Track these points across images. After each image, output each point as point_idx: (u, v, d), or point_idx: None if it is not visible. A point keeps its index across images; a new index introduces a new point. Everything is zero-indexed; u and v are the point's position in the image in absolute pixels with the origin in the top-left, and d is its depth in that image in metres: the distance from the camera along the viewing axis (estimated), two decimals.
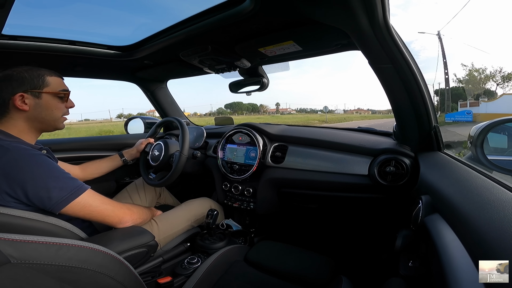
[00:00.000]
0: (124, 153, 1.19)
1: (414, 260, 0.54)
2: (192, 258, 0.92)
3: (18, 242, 0.38)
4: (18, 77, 0.70)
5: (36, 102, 0.72)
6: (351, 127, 1.27)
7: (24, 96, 0.69)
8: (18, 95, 0.69)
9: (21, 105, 0.69)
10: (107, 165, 1.14)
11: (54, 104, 0.75)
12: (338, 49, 0.93)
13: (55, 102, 0.75)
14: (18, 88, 0.69)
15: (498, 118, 0.72)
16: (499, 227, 0.33)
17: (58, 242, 0.43)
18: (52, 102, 0.75)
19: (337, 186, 0.97)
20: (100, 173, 1.12)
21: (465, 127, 6.77)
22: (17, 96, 0.68)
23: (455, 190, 0.51)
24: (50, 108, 0.74)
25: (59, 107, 0.76)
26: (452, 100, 17.05)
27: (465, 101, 17.00)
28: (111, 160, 1.15)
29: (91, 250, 0.47)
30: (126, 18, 1.04)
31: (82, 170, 1.07)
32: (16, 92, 0.69)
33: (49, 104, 0.74)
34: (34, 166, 0.64)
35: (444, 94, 14.71)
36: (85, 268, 0.45)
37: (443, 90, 16.32)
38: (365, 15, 0.54)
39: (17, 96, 0.68)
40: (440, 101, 16.77)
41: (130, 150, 1.22)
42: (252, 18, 0.73)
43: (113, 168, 1.16)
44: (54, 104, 0.75)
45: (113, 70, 1.41)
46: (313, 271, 0.83)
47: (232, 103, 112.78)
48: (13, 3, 0.64)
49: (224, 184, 1.21)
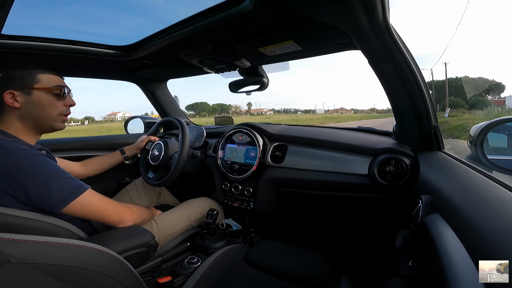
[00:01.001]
0: (126, 149, 1.20)
1: (414, 260, 0.54)
2: (192, 257, 0.92)
3: (18, 242, 0.38)
4: (9, 76, 0.71)
5: (27, 99, 0.71)
6: (351, 127, 1.27)
7: (14, 93, 0.70)
8: (7, 92, 0.69)
9: (12, 103, 0.70)
10: (108, 162, 1.14)
11: (46, 101, 0.74)
12: (338, 49, 0.93)
13: (48, 98, 0.74)
14: (8, 86, 0.70)
15: (498, 118, 0.72)
16: (499, 226, 0.33)
17: (58, 242, 0.43)
18: (44, 98, 0.73)
19: (337, 186, 0.97)
20: (101, 170, 1.13)
21: None
22: (6, 93, 0.69)
23: (455, 189, 0.51)
24: (42, 105, 0.73)
25: (53, 104, 0.75)
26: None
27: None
28: (112, 157, 1.16)
29: (91, 250, 0.47)
30: (126, 18, 1.04)
31: (83, 166, 1.07)
32: (6, 89, 0.69)
33: (40, 101, 0.73)
34: (34, 166, 0.64)
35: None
36: (85, 268, 0.45)
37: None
38: (365, 15, 0.54)
39: (6, 94, 0.69)
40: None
41: (131, 147, 1.22)
42: (252, 18, 0.73)
43: (114, 164, 1.16)
44: (46, 100, 0.74)
45: (113, 70, 1.41)
46: (313, 270, 0.83)
47: (195, 103, 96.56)
48: (13, 3, 0.64)
49: (224, 184, 1.21)
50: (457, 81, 28.70)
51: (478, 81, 25.78)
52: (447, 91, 13.00)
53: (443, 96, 14.61)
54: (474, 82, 26.05)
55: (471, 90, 24.48)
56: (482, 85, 25.33)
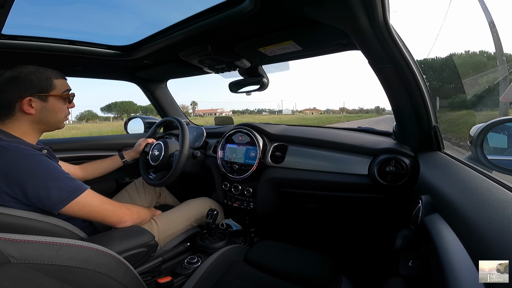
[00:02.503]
0: (125, 154, 1.20)
1: (414, 260, 0.54)
2: (192, 258, 0.92)
3: (18, 242, 0.38)
4: (25, 80, 0.69)
5: (42, 106, 0.72)
6: (351, 127, 1.27)
7: (31, 100, 0.69)
8: (27, 99, 0.68)
9: (28, 109, 0.69)
10: (107, 166, 1.14)
11: (59, 107, 0.75)
12: (338, 49, 0.93)
13: (60, 104, 0.75)
14: (26, 91, 0.69)
15: (498, 118, 0.72)
16: (499, 227, 0.33)
17: (58, 242, 0.43)
18: (57, 104, 0.75)
19: (337, 186, 0.97)
20: (100, 173, 1.12)
21: None
22: (25, 100, 0.68)
23: (455, 190, 0.51)
24: (55, 111, 0.74)
25: (63, 109, 0.77)
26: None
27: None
28: (112, 161, 1.16)
29: (91, 250, 0.47)
30: (126, 18, 1.05)
31: (82, 170, 1.07)
32: (24, 95, 0.68)
33: (55, 107, 0.74)
34: (33, 166, 0.64)
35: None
36: (85, 268, 0.45)
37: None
38: (365, 15, 0.54)
39: (25, 100, 0.68)
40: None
41: (130, 151, 1.22)
42: (252, 18, 0.73)
43: (113, 168, 1.16)
44: (59, 106, 0.75)
45: (113, 70, 1.41)
46: (313, 270, 0.83)
47: (113, 103, 72.86)
48: (13, 3, 0.64)
49: (224, 184, 1.21)
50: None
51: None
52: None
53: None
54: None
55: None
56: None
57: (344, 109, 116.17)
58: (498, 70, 5.81)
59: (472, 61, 12.69)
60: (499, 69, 5.58)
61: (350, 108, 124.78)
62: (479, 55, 16.10)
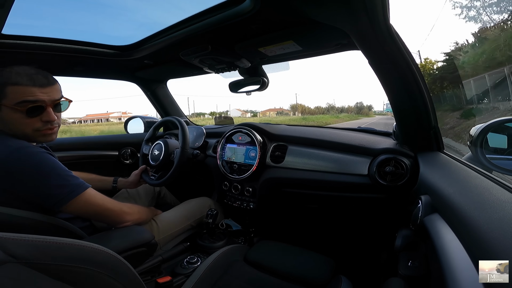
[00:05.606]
0: (119, 181, 1.11)
1: (413, 260, 0.54)
2: (192, 257, 0.92)
3: (18, 241, 0.38)
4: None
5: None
6: (351, 127, 1.27)
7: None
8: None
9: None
10: (95, 184, 0.95)
11: (15, 119, 0.63)
12: (338, 49, 0.93)
13: (16, 115, 0.63)
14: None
15: (498, 118, 0.72)
16: (499, 227, 0.33)
17: (58, 241, 0.43)
18: (13, 115, 0.63)
19: (336, 186, 0.97)
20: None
21: None
22: None
23: (455, 190, 0.51)
24: (12, 122, 0.64)
25: (23, 123, 0.64)
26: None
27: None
28: (101, 182, 1.08)
29: (91, 249, 0.47)
30: (126, 18, 1.05)
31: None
32: None
33: (10, 117, 0.63)
34: (35, 164, 0.63)
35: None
36: (85, 267, 0.44)
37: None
38: (365, 15, 0.54)
39: None
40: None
41: (125, 181, 1.12)
42: (252, 18, 0.73)
43: (100, 188, 0.96)
44: (15, 118, 0.63)
45: (113, 70, 1.41)
46: (313, 271, 0.83)
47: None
48: (13, 3, 0.64)
49: (224, 184, 1.21)
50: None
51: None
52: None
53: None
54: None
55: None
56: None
57: (300, 107, 78.80)
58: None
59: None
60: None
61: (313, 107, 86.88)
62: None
